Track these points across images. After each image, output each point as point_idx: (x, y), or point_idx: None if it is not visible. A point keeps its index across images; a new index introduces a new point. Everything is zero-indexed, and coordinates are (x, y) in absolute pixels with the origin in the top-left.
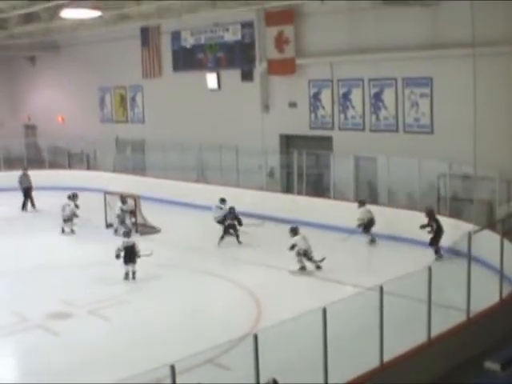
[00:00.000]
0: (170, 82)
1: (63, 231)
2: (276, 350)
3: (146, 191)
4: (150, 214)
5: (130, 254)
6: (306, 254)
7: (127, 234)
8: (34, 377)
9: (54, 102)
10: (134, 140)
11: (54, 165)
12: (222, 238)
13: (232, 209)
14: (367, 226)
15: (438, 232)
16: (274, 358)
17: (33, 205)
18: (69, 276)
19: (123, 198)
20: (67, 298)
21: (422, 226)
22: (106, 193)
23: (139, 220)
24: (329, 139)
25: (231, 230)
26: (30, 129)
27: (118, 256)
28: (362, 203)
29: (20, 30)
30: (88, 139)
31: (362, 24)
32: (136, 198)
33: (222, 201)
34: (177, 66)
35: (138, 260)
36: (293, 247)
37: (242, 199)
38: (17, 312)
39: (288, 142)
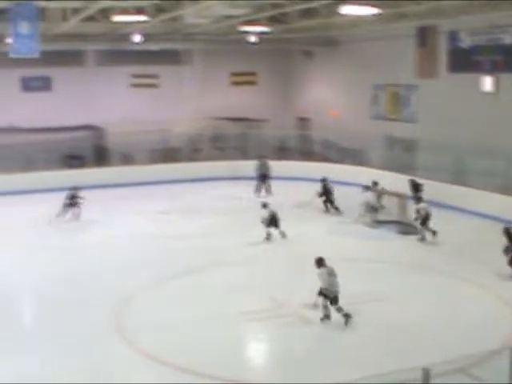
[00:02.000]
0: (444, 82)
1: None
2: None
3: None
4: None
5: (273, 220)
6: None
7: (265, 206)
8: (285, 364)
9: (328, 96)
10: (405, 139)
11: (324, 158)
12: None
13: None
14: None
15: None
16: None
17: (268, 191)
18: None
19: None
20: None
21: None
22: (365, 187)
23: (403, 219)
24: None
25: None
26: (303, 121)
27: (262, 222)
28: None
29: (299, 25)
30: (358, 135)
31: None
32: (402, 197)
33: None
34: (452, 67)
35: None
36: (320, 293)
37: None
38: (274, 298)
39: None
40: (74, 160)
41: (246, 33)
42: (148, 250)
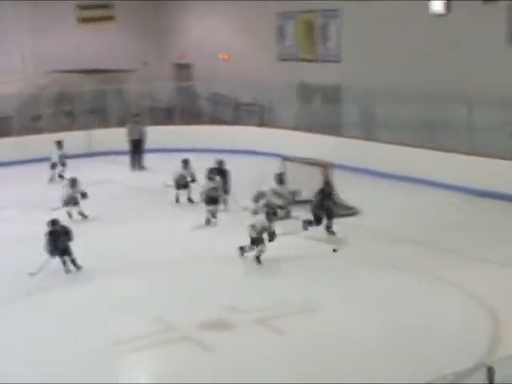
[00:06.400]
0: (376, 4)
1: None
2: None
3: (341, 157)
4: (345, 188)
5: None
6: None
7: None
8: None
9: (216, 34)
10: (326, 86)
11: (215, 119)
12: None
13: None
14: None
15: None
16: None
17: (141, 165)
18: (222, 273)
19: None
20: (226, 302)
21: None
22: (284, 159)
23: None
24: None
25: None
26: (183, 69)
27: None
28: None
29: None
30: (261, 85)
31: None
32: (327, 167)
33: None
34: None
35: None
36: None
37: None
38: (161, 318)
39: None
40: None
41: None
42: None
